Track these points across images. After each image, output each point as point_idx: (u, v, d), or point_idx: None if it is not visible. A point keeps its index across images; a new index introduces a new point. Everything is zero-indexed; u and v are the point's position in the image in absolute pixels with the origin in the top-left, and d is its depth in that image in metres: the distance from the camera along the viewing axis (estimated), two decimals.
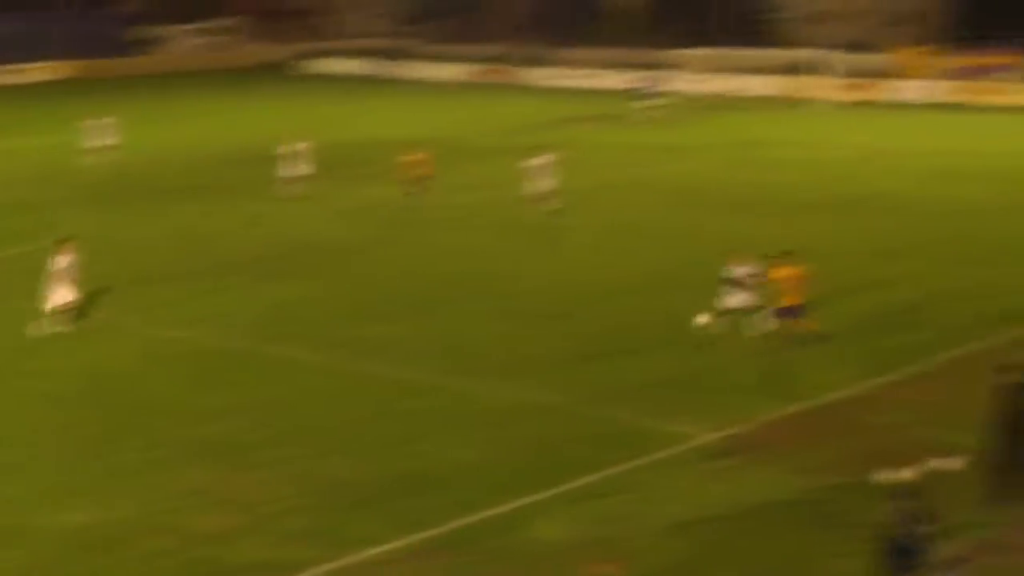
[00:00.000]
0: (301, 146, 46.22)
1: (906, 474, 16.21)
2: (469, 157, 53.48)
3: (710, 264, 34.77)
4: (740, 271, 27.77)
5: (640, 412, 23.38)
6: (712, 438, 22.01)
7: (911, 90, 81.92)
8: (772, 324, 27.08)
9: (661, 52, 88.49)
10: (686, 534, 18.57)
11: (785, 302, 26.65)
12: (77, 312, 29.56)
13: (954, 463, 19.41)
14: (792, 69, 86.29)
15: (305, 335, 28.77)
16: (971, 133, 64.71)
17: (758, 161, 54.27)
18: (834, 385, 24.71)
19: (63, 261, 29.18)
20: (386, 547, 18.24)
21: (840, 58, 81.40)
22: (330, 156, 48.98)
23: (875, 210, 42.79)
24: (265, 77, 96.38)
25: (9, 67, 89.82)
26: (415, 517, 19.10)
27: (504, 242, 38.47)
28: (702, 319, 27.50)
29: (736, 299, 27.57)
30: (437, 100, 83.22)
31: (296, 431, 22.85)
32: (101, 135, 53.83)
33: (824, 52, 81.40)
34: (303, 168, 45.91)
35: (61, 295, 29.05)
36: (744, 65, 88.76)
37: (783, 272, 26.82)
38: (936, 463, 19.41)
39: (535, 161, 41.82)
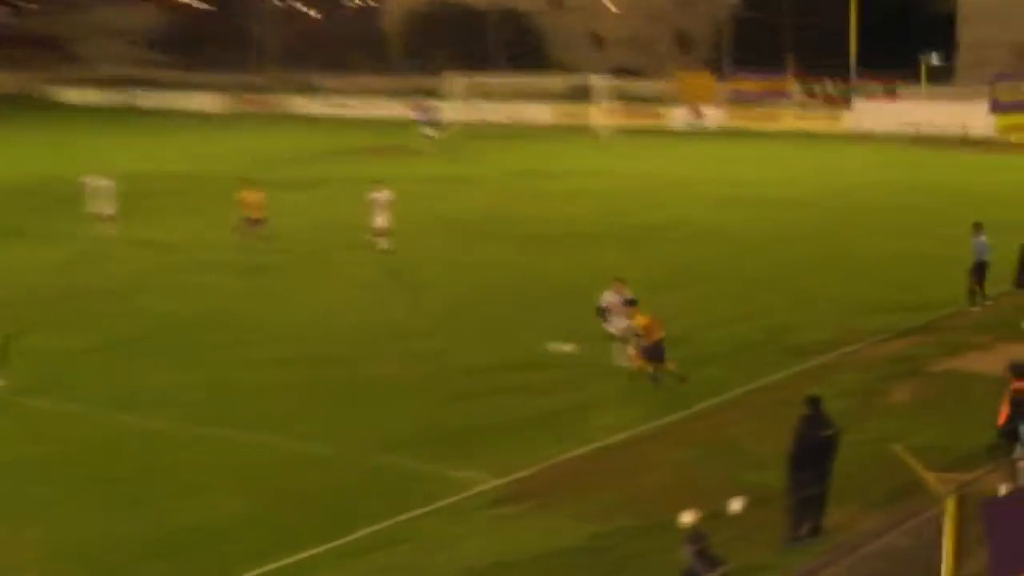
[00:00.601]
0: (102, 183, 45.35)
1: (690, 516, 16.33)
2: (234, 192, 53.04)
3: (495, 302, 35.12)
4: (616, 299, 28.25)
5: (421, 459, 23.18)
6: (498, 483, 21.92)
7: (689, 116, 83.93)
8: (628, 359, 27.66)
9: (437, 79, 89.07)
10: None
11: (657, 336, 27.13)
12: None
13: (741, 503, 19.66)
14: (570, 95, 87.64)
15: (66, 386, 27.89)
16: (748, 160, 66.70)
17: (542, 192, 54.99)
18: (624, 424, 24.90)
19: None
20: None
21: (616, 84, 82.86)
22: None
23: (658, 241, 43.64)
24: (7, 107, 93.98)
25: None
26: (190, 574, 18.70)
27: (279, 283, 38.10)
28: (565, 347, 27.60)
29: (615, 326, 28.09)
30: (197, 131, 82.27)
31: (61, 488, 22.07)
32: None
33: (601, 78, 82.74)
34: (103, 207, 45.07)
35: None
36: (522, 91, 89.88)
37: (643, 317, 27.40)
38: (727, 503, 19.67)
39: (373, 196, 41.61)
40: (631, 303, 28.00)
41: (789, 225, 46.37)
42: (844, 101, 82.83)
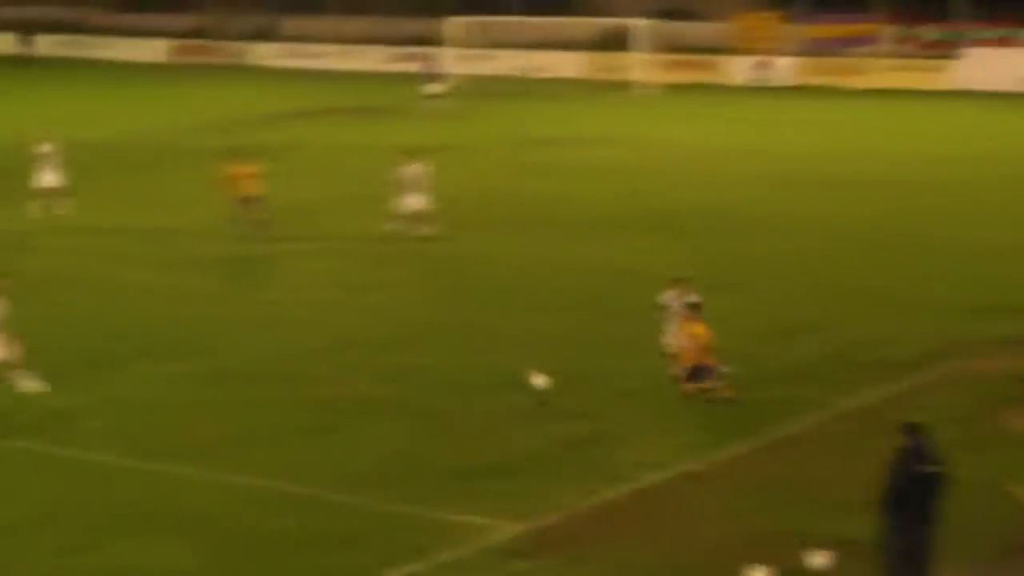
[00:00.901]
0: (44, 148, 45.59)
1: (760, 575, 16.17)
2: (179, 163, 53.23)
3: (491, 305, 34.93)
4: (675, 302, 28.66)
5: (406, 500, 23.09)
6: (509, 533, 21.80)
7: (749, 70, 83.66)
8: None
9: (435, 22, 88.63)
10: None
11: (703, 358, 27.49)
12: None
13: (826, 557, 19.50)
14: (602, 44, 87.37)
15: None
16: (824, 126, 66.46)
17: (556, 165, 54.79)
18: (664, 459, 24.77)
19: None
20: None
21: (660, 29, 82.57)
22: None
23: (703, 230, 43.37)
24: None
25: None
26: None
27: (211, 282, 38.16)
28: (537, 379, 27.76)
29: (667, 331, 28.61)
30: (129, 87, 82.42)
31: None
32: None
33: (641, 22, 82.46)
34: (49, 179, 45.30)
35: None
36: (539, 38, 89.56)
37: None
38: (806, 557, 19.50)
39: (404, 171, 41.58)
40: (693, 307, 27.97)
41: (867, 208, 45.99)
42: (949, 49, 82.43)
